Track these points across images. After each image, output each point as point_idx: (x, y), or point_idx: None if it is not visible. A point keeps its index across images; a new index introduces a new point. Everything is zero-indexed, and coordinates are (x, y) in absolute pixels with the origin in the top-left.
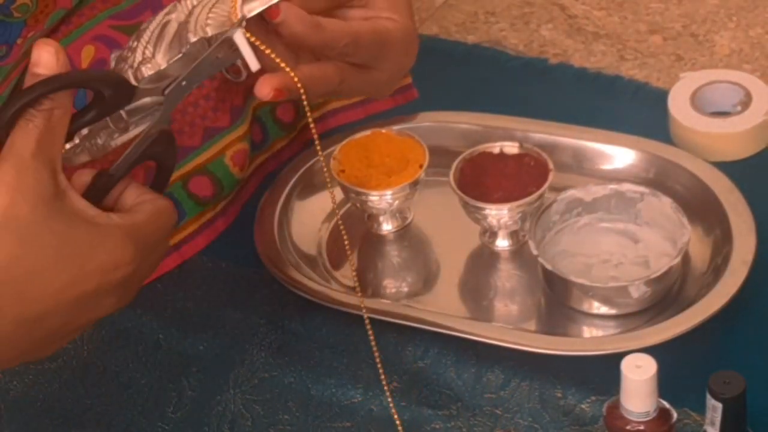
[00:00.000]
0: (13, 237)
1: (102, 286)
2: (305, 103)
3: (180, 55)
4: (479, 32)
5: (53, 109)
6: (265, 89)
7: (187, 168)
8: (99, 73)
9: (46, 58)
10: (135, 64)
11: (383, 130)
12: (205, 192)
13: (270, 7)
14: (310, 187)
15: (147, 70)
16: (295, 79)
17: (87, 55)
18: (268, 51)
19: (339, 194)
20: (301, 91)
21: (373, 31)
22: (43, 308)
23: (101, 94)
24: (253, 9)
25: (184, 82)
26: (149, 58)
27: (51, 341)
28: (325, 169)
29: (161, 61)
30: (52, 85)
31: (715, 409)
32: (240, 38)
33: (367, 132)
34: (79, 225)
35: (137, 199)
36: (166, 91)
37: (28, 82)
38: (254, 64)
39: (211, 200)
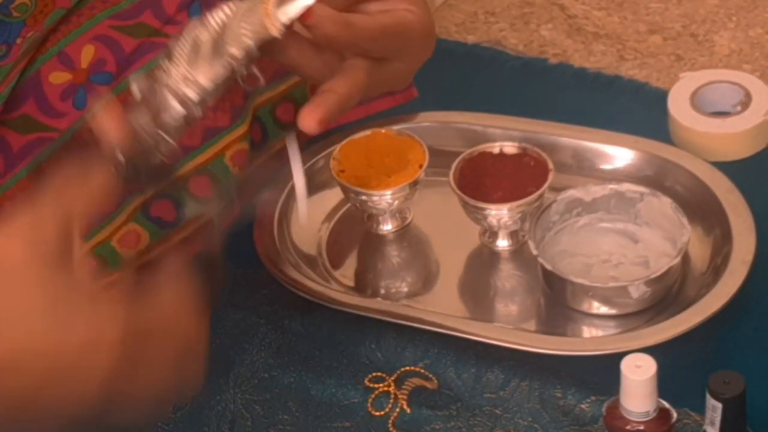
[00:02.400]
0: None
1: (81, 360)
2: None
3: (223, 71)
4: (479, 32)
5: (103, 184)
6: (308, 121)
7: (187, 168)
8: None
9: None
10: (173, 85)
11: (383, 130)
12: (205, 192)
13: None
14: (310, 187)
15: (191, 93)
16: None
17: (87, 54)
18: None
19: (339, 194)
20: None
21: (397, 23)
22: (15, 353)
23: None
24: (288, 13)
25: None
26: (191, 79)
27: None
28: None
29: (203, 81)
30: None
31: (715, 409)
32: (291, 141)
33: (367, 132)
34: (75, 294)
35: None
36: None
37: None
38: (301, 188)
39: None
